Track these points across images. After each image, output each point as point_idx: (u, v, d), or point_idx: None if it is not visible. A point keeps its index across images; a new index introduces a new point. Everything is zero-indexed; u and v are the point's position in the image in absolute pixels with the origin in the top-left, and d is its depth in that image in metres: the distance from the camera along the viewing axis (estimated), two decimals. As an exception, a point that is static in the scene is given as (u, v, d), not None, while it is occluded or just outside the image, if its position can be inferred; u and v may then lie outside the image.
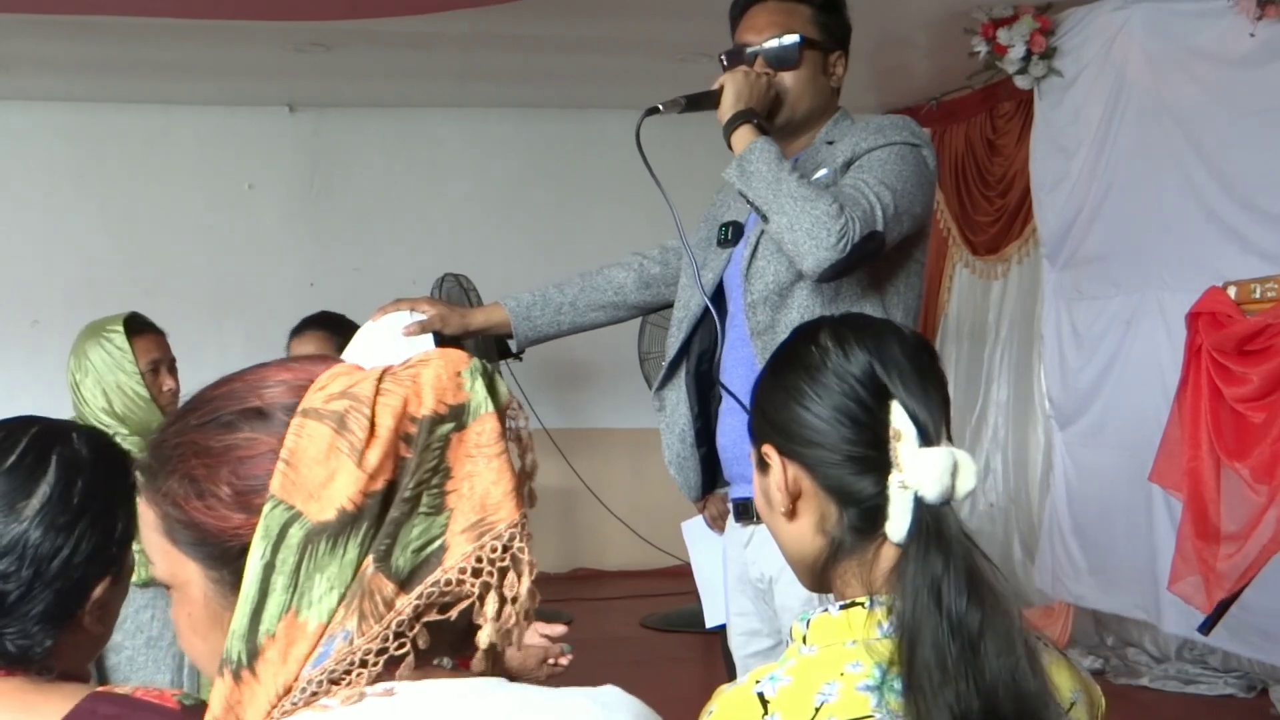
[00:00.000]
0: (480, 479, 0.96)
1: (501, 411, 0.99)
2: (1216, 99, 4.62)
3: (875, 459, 1.23)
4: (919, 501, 1.20)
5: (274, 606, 0.94)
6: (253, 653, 0.94)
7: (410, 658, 0.94)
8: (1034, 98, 5.57)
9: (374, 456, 0.95)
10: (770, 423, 1.31)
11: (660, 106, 2.45)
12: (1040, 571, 5.52)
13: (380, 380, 0.98)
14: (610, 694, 0.99)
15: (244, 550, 0.94)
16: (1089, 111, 5.21)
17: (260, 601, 0.94)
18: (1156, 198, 4.89)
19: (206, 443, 0.98)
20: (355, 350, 2.38)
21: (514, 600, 0.96)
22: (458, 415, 0.97)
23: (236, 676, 0.94)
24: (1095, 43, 5.18)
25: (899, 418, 1.22)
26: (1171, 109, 4.81)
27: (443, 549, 0.95)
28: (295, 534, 0.94)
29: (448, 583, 0.94)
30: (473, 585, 0.95)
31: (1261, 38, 4.39)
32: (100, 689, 1.32)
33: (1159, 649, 5.27)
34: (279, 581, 0.94)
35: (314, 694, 0.93)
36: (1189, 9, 4.74)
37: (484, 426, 0.97)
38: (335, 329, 3.04)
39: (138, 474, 1.01)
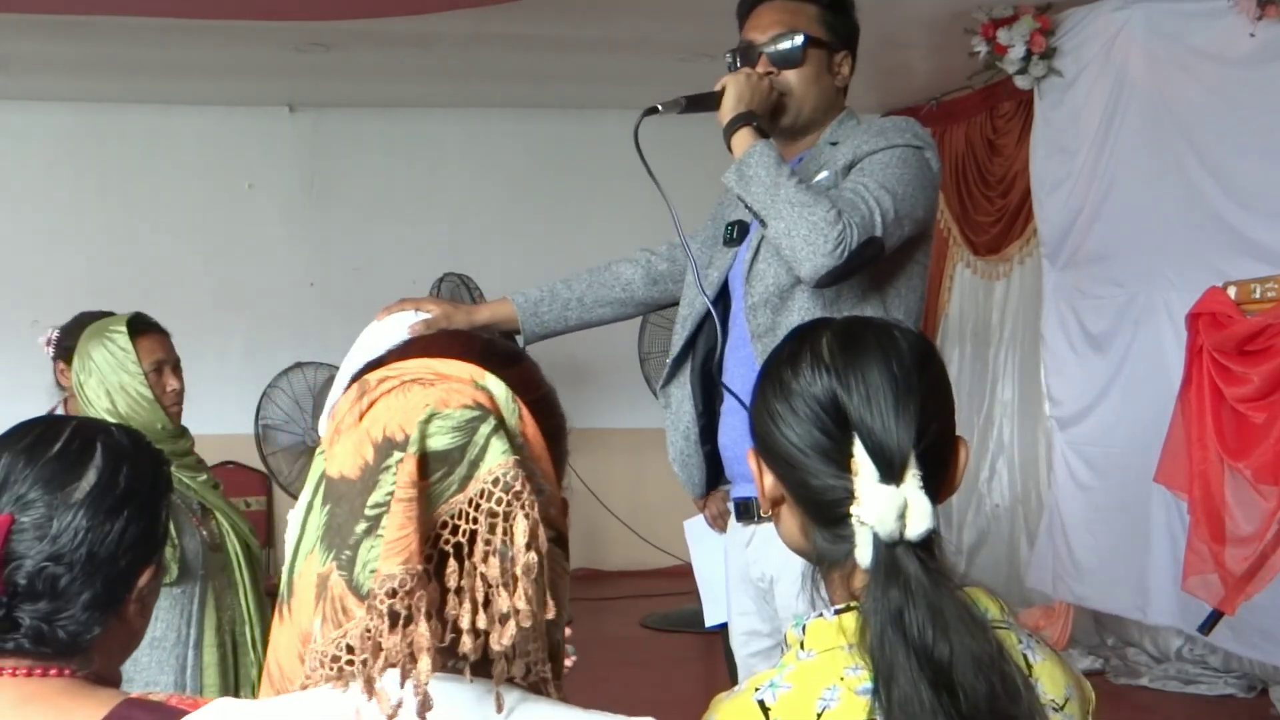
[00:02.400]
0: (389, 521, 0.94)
1: (411, 466, 0.94)
2: (1216, 99, 4.61)
3: (839, 487, 1.21)
4: (876, 536, 1.18)
5: (306, 544, 0.99)
6: (289, 589, 0.99)
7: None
8: (1034, 98, 5.56)
9: (338, 448, 0.97)
10: (754, 433, 1.31)
11: (660, 106, 2.44)
12: (1040, 571, 5.51)
13: (404, 382, 0.99)
14: None
15: None
16: (1089, 111, 5.20)
17: (300, 538, 0.99)
18: (1157, 198, 4.88)
19: None
20: (361, 350, 2.37)
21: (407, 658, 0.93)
22: (407, 447, 0.95)
23: (281, 613, 0.99)
24: (1095, 43, 5.17)
25: (859, 451, 1.20)
26: (1172, 109, 4.80)
27: None
28: (325, 483, 1.00)
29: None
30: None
31: (1261, 38, 4.39)
32: (135, 695, 1.32)
33: (1159, 649, 5.27)
34: (313, 521, 0.99)
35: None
36: (1189, 9, 4.73)
37: (402, 468, 0.94)
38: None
39: None
